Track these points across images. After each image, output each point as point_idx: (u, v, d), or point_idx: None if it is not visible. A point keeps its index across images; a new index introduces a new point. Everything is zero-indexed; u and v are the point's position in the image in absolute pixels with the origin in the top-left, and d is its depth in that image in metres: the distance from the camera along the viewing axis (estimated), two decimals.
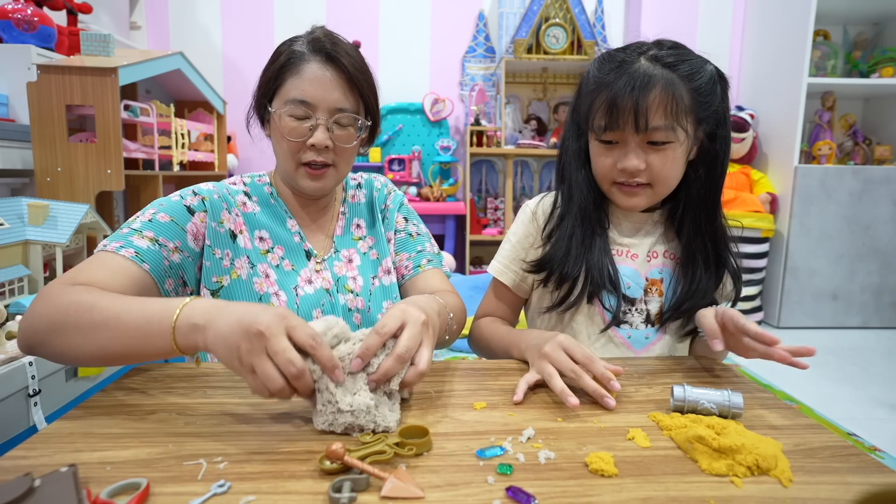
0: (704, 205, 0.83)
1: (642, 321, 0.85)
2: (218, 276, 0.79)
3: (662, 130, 0.74)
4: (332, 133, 0.79)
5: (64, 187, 1.78)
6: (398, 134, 3.26)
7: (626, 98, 0.73)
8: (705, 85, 0.76)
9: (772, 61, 3.05)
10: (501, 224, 3.25)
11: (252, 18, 3.24)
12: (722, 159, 0.82)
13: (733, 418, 0.58)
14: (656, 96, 0.73)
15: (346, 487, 0.43)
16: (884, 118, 3.16)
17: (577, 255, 0.82)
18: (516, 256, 0.91)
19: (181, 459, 0.48)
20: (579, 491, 0.45)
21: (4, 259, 1.36)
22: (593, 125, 0.79)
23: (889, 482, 0.47)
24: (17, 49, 1.78)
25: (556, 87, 3.33)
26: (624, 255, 0.86)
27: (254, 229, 0.84)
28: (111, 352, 0.58)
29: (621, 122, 0.75)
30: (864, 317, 2.90)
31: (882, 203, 2.82)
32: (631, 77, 0.74)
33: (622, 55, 0.78)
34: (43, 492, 0.41)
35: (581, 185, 0.84)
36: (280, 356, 0.50)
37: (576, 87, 0.85)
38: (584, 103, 0.81)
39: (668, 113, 0.74)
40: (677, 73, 0.75)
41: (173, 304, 0.56)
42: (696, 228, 0.84)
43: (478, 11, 3.30)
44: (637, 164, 0.76)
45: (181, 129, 2.33)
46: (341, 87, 0.79)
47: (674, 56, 0.76)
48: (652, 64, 0.75)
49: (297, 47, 0.79)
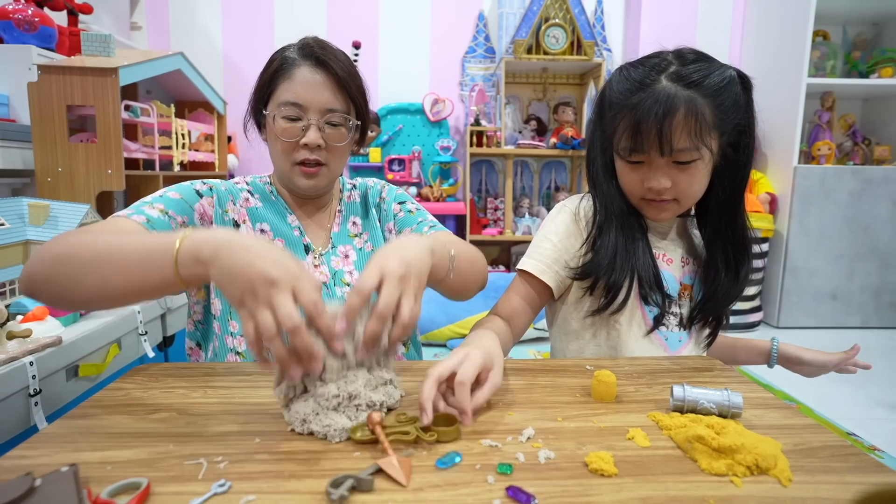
0: (726, 208, 0.84)
1: (676, 324, 0.87)
2: None
3: (687, 151, 0.74)
4: (323, 132, 0.83)
5: (64, 187, 1.78)
6: (398, 134, 3.26)
7: (650, 123, 0.73)
8: (729, 98, 0.75)
9: (771, 61, 3.05)
10: (501, 224, 3.25)
11: (252, 18, 3.24)
12: (745, 165, 0.82)
13: (733, 418, 0.58)
14: (680, 120, 0.73)
15: (346, 485, 0.43)
16: (883, 118, 3.16)
17: (623, 261, 0.81)
18: (559, 257, 0.86)
19: (182, 459, 0.48)
20: (579, 490, 0.45)
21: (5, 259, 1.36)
22: (618, 147, 0.79)
23: (888, 482, 0.48)
24: (17, 49, 1.78)
25: (555, 88, 3.33)
26: (661, 258, 0.88)
27: (256, 221, 0.88)
28: (113, 285, 0.58)
29: (646, 147, 0.75)
30: (863, 317, 2.90)
31: (881, 203, 2.82)
32: (654, 100, 0.73)
33: (643, 72, 0.76)
34: (43, 491, 0.41)
35: (614, 195, 0.85)
36: (281, 309, 0.49)
37: (597, 100, 0.84)
38: (607, 121, 0.81)
39: (693, 134, 0.73)
40: (700, 92, 0.73)
41: (175, 235, 0.56)
42: (715, 231, 0.85)
43: (478, 12, 3.31)
44: (664, 183, 0.77)
45: (181, 129, 2.33)
46: (331, 89, 0.83)
47: (696, 72, 0.74)
48: (674, 84, 0.74)
49: (288, 54, 0.84)
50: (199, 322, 0.88)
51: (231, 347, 0.83)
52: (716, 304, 0.85)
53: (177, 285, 0.56)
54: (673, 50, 0.79)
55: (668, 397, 0.64)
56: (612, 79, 0.81)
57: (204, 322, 0.87)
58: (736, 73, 0.77)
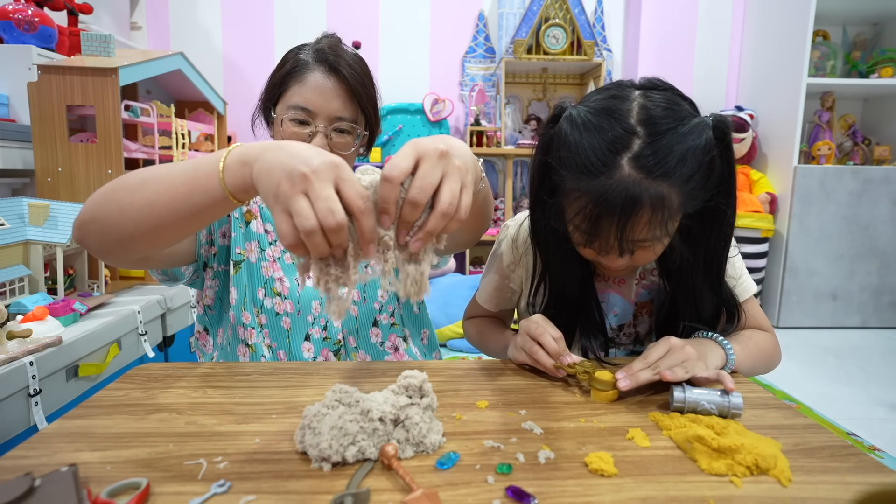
0: (706, 282, 0.74)
1: (630, 342, 0.85)
2: (242, 248, 0.85)
3: (648, 241, 0.65)
4: (330, 140, 0.83)
5: (64, 187, 1.78)
6: (398, 134, 3.26)
7: (610, 223, 0.62)
8: (702, 177, 0.63)
9: (771, 61, 3.06)
10: (501, 224, 3.25)
11: (252, 18, 3.24)
12: (722, 229, 0.71)
13: (733, 418, 0.58)
14: (645, 218, 0.61)
15: (348, 501, 0.42)
16: (883, 118, 3.16)
17: (568, 312, 0.78)
18: (503, 285, 0.90)
19: (181, 459, 0.48)
20: (579, 491, 0.45)
21: (5, 259, 1.36)
22: (571, 227, 0.68)
23: (888, 482, 0.48)
24: (17, 49, 1.78)
25: (555, 88, 3.33)
26: (611, 280, 0.83)
27: (265, 221, 0.89)
28: (159, 207, 0.55)
29: (604, 247, 0.66)
30: (863, 317, 2.90)
31: (881, 203, 2.82)
32: (616, 194, 0.60)
33: (601, 148, 0.62)
34: (43, 491, 0.41)
35: (560, 268, 0.77)
36: (321, 202, 0.44)
37: (538, 152, 0.71)
38: (558, 191, 0.68)
39: (656, 227, 0.63)
40: (668, 182, 0.61)
41: (222, 151, 0.54)
42: (688, 295, 0.76)
43: (478, 12, 3.31)
44: (620, 264, 0.69)
45: (181, 129, 2.33)
46: (341, 97, 0.82)
47: (665, 156, 0.60)
48: (639, 175, 0.60)
49: (302, 56, 0.84)
50: (208, 307, 0.89)
51: (242, 338, 0.84)
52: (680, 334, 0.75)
53: (223, 199, 0.53)
54: (640, 94, 0.65)
55: (667, 398, 0.63)
56: (564, 139, 0.65)
57: (214, 308, 0.88)
58: (712, 127, 0.64)
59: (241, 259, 0.85)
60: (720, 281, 0.76)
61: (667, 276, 0.79)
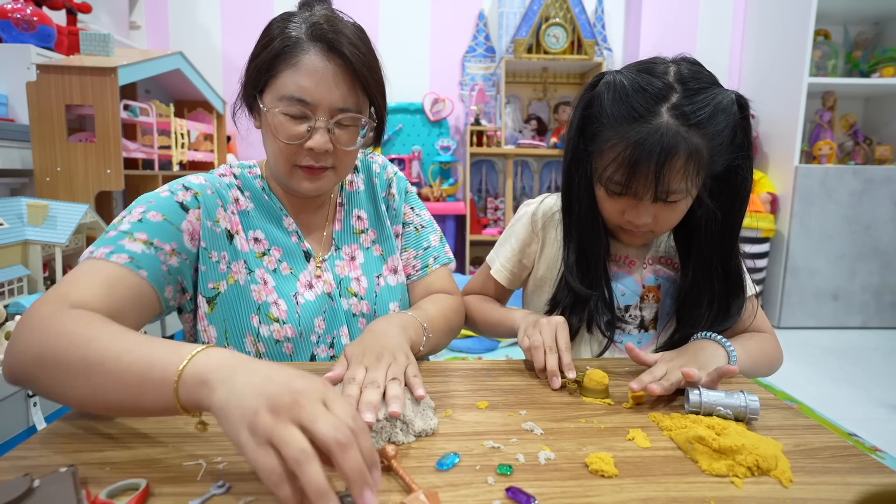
0: (718, 246, 0.78)
1: (635, 327, 0.86)
2: (215, 281, 0.72)
3: (678, 193, 0.70)
4: (332, 135, 0.71)
5: (63, 187, 1.77)
6: (398, 134, 3.25)
7: (649, 166, 0.67)
8: (728, 137, 0.70)
9: (772, 61, 3.05)
10: (501, 224, 3.25)
11: (252, 18, 3.24)
12: (741, 199, 0.76)
13: (749, 422, 0.58)
14: (680, 165, 0.67)
15: (348, 502, 0.42)
16: (884, 118, 3.16)
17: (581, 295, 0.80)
18: (517, 259, 0.92)
19: (181, 460, 0.48)
20: (579, 491, 0.45)
21: (4, 259, 1.36)
22: (604, 179, 0.73)
23: (889, 482, 0.47)
24: (16, 49, 1.78)
25: (556, 87, 3.33)
26: (621, 261, 0.86)
27: (249, 229, 0.77)
28: (104, 400, 0.48)
29: (640, 191, 0.70)
30: (864, 317, 2.90)
31: (882, 203, 2.82)
32: (655, 141, 0.66)
33: (642, 101, 0.68)
34: (42, 492, 0.41)
35: (586, 222, 0.80)
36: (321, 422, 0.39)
37: (579, 107, 0.77)
38: (592, 140, 0.74)
39: (688, 178, 0.68)
40: (700, 133, 0.67)
41: (185, 350, 0.46)
42: (703, 267, 0.79)
43: (478, 11, 3.30)
44: (646, 220, 0.74)
45: (181, 128, 2.33)
46: (345, 83, 0.69)
47: (700, 109, 0.67)
48: (676, 122, 0.67)
49: (293, 31, 0.69)
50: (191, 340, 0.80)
51: None
52: (688, 332, 0.79)
53: (175, 411, 0.45)
54: (673, 63, 0.72)
55: (667, 397, 0.63)
56: (604, 94, 0.72)
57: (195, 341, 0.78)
58: (735, 100, 0.72)
59: (216, 293, 0.72)
60: (733, 249, 0.79)
61: (684, 249, 0.83)
